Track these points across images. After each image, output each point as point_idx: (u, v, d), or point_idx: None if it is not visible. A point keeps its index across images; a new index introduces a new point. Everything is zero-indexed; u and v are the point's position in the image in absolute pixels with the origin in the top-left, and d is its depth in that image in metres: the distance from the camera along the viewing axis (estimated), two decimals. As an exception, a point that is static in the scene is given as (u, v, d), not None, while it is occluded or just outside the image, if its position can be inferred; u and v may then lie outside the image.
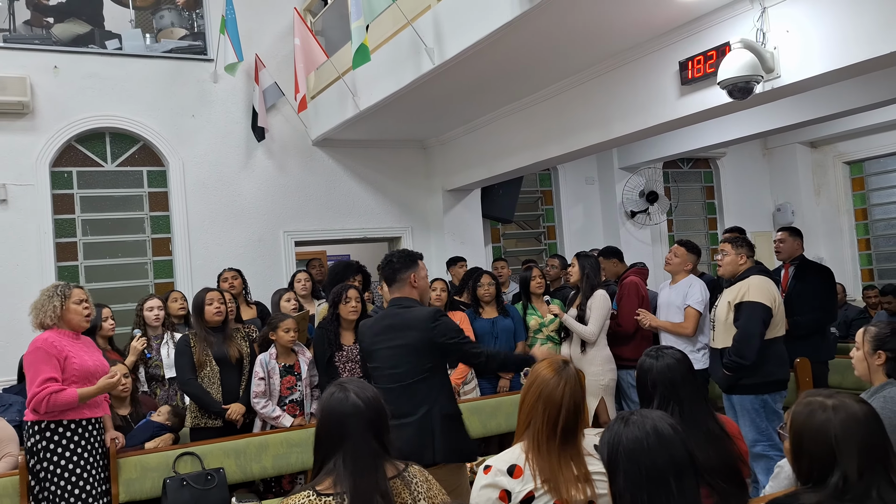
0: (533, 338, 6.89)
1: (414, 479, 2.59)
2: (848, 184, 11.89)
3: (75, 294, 4.78)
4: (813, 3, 4.89)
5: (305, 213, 9.00)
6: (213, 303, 5.72)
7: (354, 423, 2.49)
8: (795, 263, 6.59)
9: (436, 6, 6.12)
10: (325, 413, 2.55)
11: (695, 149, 9.66)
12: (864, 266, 11.80)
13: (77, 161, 8.14)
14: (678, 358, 3.28)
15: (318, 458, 2.54)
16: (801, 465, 2.44)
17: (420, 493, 2.56)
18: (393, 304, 4.35)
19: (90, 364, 4.74)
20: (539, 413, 2.76)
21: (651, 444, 2.26)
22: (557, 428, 2.72)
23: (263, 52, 8.67)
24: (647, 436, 2.28)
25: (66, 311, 4.73)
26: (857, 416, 2.33)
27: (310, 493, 2.42)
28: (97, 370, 4.78)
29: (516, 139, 7.96)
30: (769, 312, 5.24)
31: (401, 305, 4.31)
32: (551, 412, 2.74)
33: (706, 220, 12.03)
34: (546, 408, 2.75)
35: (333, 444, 2.49)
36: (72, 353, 4.67)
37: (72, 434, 4.66)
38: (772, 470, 4.90)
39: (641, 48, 6.19)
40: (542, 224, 11.05)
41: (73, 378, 4.63)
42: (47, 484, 4.60)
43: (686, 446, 2.29)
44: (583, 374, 6.40)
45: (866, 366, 3.61)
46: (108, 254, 8.25)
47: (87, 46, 8.17)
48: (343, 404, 2.51)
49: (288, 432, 5.58)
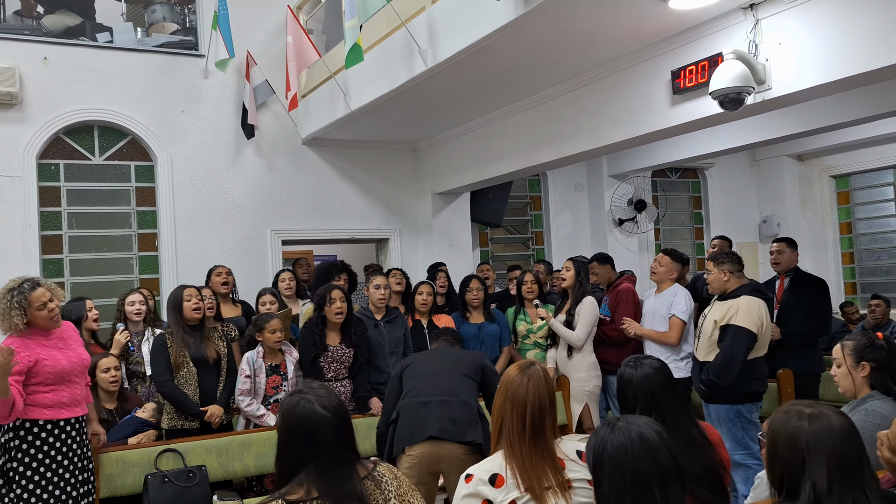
0: (521, 343, 6.90)
1: (384, 478, 2.57)
2: (833, 197, 11.96)
3: (35, 300, 4.50)
4: (805, 17, 4.92)
5: (293, 212, 8.98)
6: (192, 299, 5.65)
7: (324, 435, 2.44)
8: (791, 275, 6.58)
9: (430, 8, 6.12)
10: (290, 425, 2.48)
11: (684, 158, 9.70)
12: (848, 279, 11.87)
13: (64, 154, 8.09)
14: (657, 367, 3.28)
15: (283, 468, 2.48)
16: (773, 471, 2.44)
17: (390, 491, 2.55)
18: None
19: (65, 363, 4.59)
20: (508, 412, 2.80)
21: (636, 451, 2.25)
22: (525, 424, 2.74)
23: (255, 50, 8.64)
24: (632, 442, 2.26)
25: (31, 318, 4.52)
26: (833, 427, 2.31)
27: (279, 502, 2.37)
28: (73, 367, 4.65)
29: (507, 144, 7.97)
30: (754, 339, 5.26)
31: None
32: (518, 409, 2.77)
33: (693, 229, 12.07)
34: (513, 406, 2.78)
35: (302, 455, 2.44)
36: (43, 356, 4.51)
37: (47, 435, 4.55)
38: (750, 479, 4.95)
39: (634, 56, 6.21)
40: (531, 229, 11.05)
41: (47, 380, 4.51)
42: (14, 486, 4.49)
43: (672, 453, 2.28)
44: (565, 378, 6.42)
45: (851, 380, 3.61)
46: (93, 248, 8.20)
47: (77, 39, 8.13)
48: (311, 416, 2.45)
49: (271, 431, 5.55)
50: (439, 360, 4.82)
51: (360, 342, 5.98)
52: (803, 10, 4.94)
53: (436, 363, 4.77)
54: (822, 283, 6.60)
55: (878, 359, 3.55)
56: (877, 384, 3.54)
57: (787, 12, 5.03)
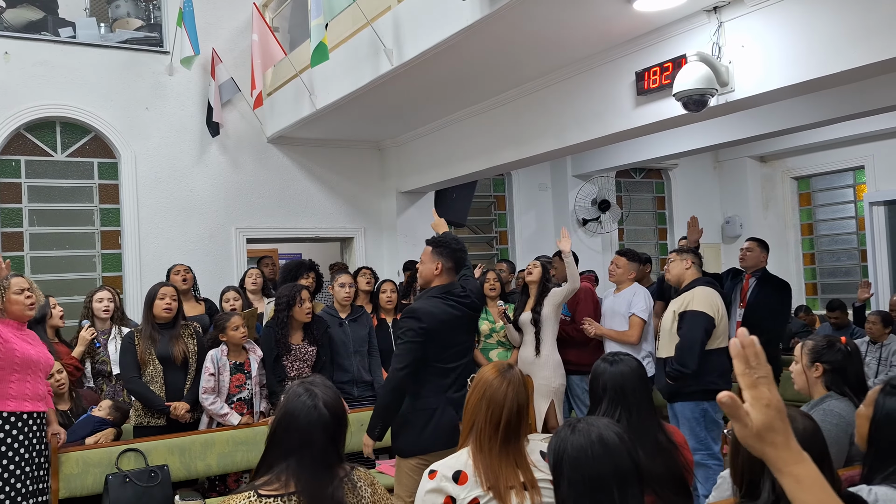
0: (485, 342, 6.90)
1: (359, 482, 2.57)
2: (795, 199, 12.12)
3: (14, 284, 4.61)
4: (768, 20, 4.98)
5: (258, 210, 8.95)
6: (166, 298, 5.61)
7: (319, 434, 2.43)
8: (758, 276, 6.67)
9: (396, 7, 6.12)
10: (288, 417, 2.46)
11: (648, 159, 9.79)
12: (809, 280, 12.02)
13: (26, 150, 8.00)
14: (633, 366, 3.28)
15: (268, 458, 2.46)
16: (735, 469, 2.47)
17: (364, 497, 2.54)
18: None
19: (33, 354, 4.61)
20: (482, 413, 2.79)
21: (595, 453, 2.23)
22: (500, 427, 2.75)
23: (220, 47, 8.60)
24: (591, 444, 2.24)
25: (8, 302, 4.59)
26: (797, 429, 2.31)
27: (251, 495, 2.36)
28: (40, 360, 4.67)
29: (472, 143, 7.99)
30: (712, 322, 5.31)
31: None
32: (494, 411, 2.77)
33: (656, 229, 12.17)
34: (489, 407, 2.78)
35: (290, 448, 2.43)
36: (14, 342, 4.54)
37: (10, 427, 4.54)
38: (710, 478, 5.01)
39: (599, 57, 6.25)
40: (495, 229, 11.09)
41: (15, 366, 4.52)
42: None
43: (632, 456, 2.27)
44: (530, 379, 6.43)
45: (805, 379, 3.68)
46: (55, 245, 8.12)
47: (39, 33, 8.03)
48: (311, 413, 2.44)
49: (234, 430, 5.53)
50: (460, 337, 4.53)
51: (322, 340, 5.96)
52: (766, 13, 5.00)
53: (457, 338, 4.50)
54: (786, 286, 6.72)
55: (832, 361, 3.61)
56: (831, 386, 3.60)
57: (750, 15, 5.09)
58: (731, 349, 1.45)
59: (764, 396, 1.43)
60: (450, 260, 4.47)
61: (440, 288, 4.44)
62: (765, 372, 1.44)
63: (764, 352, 1.45)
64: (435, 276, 4.48)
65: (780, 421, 1.44)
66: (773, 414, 1.43)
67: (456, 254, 4.51)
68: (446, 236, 4.69)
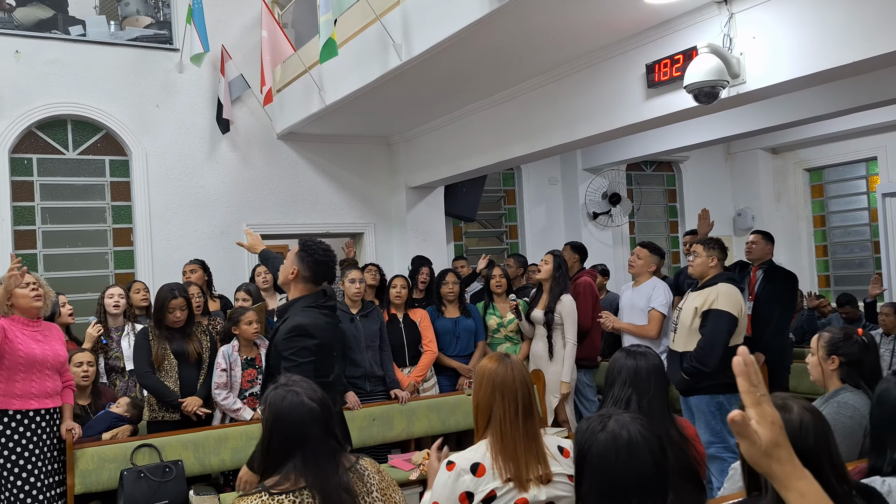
0: (493, 337, 6.90)
1: (366, 471, 2.60)
2: (807, 190, 12.07)
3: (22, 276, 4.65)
4: (780, 11, 4.95)
5: (268, 206, 8.96)
6: (175, 311, 5.56)
7: (312, 426, 2.46)
8: (764, 268, 6.66)
9: (405, 2, 6.11)
10: (278, 417, 2.49)
11: (658, 152, 9.75)
12: (821, 272, 11.98)
13: (37, 148, 8.02)
14: (655, 363, 3.28)
15: (268, 462, 2.48)
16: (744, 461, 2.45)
17: (372, 484, 2.57)
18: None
19: (37, 352, 4.64)
20: (498, 402, 2.78)
21: (621, 459, 2.14)
22: (518, 411, 2.75)
23: (230, 44, 8.61)
24: (617, 450, 2.14)
25: (15, 299, 4.63)
26: (793, 422, 2.25)
27: (263, 495, 2.37)
28: (46, 359, 4.69)
29: (481, 138, 7.97)
30: (735, 322, 5.29)
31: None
32: (509, 397, 2.77)
33: (667, 222, 12.13)
34: (503, 395, 2.77)
35: (289, 447, 2.45)
36: (19, 340, 4.58)
37: (17, 425, 4.59)
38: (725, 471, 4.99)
39: (609, 50, 6.23)
40: (505, 223, 11.08)
41: (19, 365, 4.55)
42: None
43: (658, 464, 2.17)
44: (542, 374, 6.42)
45: (821, 371, 3.68)
46: (67, 243, 8.14)
47: (49, 32, 8.05)
48: (299, 409, 2.47)
49: (247, 425, 5.54)
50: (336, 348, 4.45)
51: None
52: (777, 4, 4.97)
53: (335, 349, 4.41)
54: (793, 277, 6.70)
55: (848, 353, 3.60)
56: (846, 378, 3.59)
57: (761, 6, 5.06)
58: (734, 367, 1.51)
59: (768, 413, 1.50)
60: (308, 270, 4.10)
61: (312, 297, 4.13)
62: (764, 390, 1.51)
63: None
64: (290, 280, 4.15)
65: (783, 437, 1.51)
66: (778, 430, 1.50)
67: (318, 266, 4.12)
68: (317, 243, 4.18)
